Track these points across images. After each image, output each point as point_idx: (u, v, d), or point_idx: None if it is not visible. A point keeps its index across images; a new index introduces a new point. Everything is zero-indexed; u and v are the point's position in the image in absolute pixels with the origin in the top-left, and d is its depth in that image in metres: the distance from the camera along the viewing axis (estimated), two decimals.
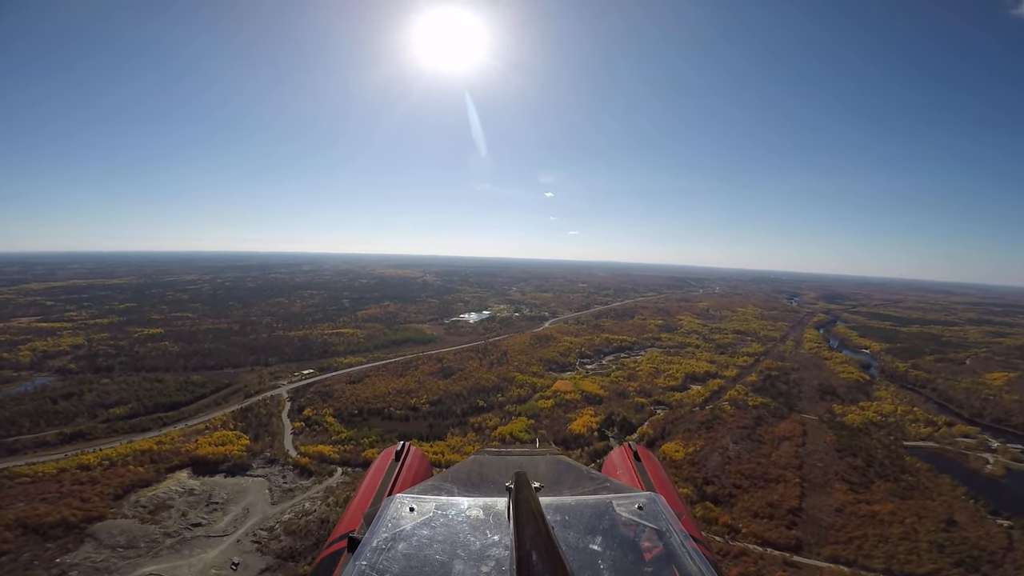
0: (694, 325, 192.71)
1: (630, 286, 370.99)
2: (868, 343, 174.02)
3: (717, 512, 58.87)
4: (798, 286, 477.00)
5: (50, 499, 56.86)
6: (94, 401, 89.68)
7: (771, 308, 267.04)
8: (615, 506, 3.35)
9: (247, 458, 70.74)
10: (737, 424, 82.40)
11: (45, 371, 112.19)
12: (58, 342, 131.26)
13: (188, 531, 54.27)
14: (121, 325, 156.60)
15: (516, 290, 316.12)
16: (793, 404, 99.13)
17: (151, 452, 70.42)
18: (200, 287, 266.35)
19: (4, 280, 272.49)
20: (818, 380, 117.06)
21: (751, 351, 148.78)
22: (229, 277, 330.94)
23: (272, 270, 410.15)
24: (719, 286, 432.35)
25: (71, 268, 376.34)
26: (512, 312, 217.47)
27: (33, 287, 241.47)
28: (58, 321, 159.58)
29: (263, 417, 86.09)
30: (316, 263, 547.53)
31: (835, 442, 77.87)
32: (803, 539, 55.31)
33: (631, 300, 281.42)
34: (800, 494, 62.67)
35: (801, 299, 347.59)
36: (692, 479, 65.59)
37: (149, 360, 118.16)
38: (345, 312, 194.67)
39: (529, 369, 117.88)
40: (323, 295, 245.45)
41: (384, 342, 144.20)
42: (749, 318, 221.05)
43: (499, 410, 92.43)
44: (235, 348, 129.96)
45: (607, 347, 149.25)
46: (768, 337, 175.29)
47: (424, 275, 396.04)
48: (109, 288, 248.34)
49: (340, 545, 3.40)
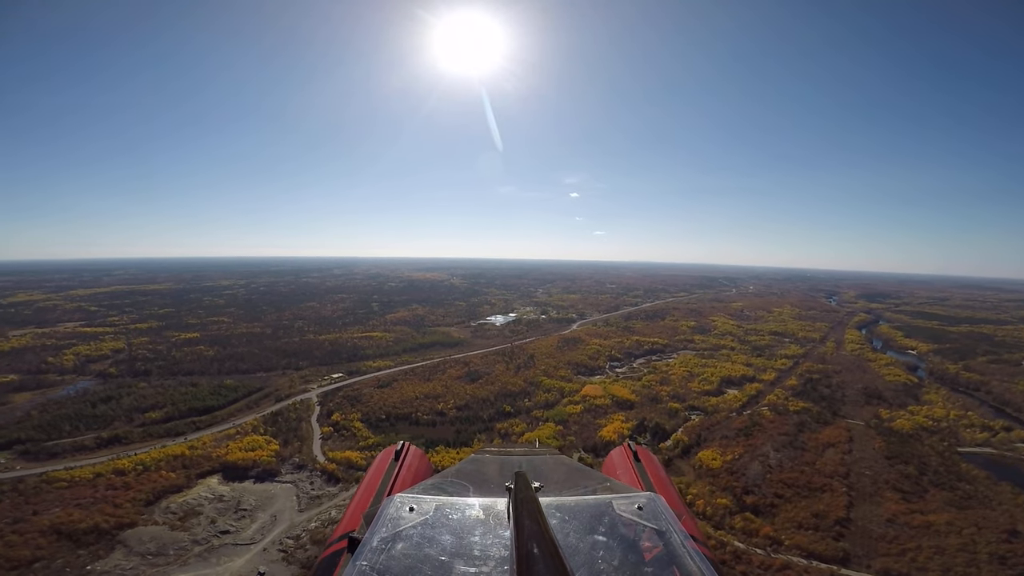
0: (728, 326, 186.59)
1: (660, 286, 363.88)
2: (914, 344, 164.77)
3: (758, 523, 55.53)
4: (836, 284, 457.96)
5: (84, 504, 57.68)
6: (131, 405, 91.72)
7: (809, 308, 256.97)
8: (615, 506, 3.33)
9: (276, 464, 70.80)
10: (778, 430, 78.20)
11: (87, 375, 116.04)
12: (100, 346, 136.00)
13: (216, 539, 54.23)
14: (160, 330, 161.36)
15: (542, 292, 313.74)
16: (837, 409, 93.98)
17: (183, 457, 71.10)
18: (235, 292, 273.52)
19: (53, 286, 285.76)
20: (862, 383, 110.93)
21: (790, 353, 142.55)
22: (263, 282, 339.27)
23: (305, 274, 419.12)
24: (753, 285, 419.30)
25: (115, 274, 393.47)
26: (539, 314, 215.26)
27: (79, 293, 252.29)
28: (101, 326, 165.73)
29: (292, 422, 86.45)
30: (347, 267, 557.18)
31: (884, 449, 73.14)
32: (851, 551, 51.71)
33: (661, 301, 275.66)
34: (848, 504, 58.82)
35: (840, 298, 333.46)
36: (730, 488, 62.20)
37: (185, 364, 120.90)
38: (374, 315, 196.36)
39: (557, 373, 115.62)
40: (353, 298, 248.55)
41: (412, 345, 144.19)
42: (786, 318, 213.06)
43: (526, 415, 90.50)
44: (267, 352, 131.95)
45: (638, 350, 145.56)
46: (807, 338, 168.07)
47: (451, 278, 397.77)
48: (150, 293, 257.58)
49: (340, 545, 3.32)
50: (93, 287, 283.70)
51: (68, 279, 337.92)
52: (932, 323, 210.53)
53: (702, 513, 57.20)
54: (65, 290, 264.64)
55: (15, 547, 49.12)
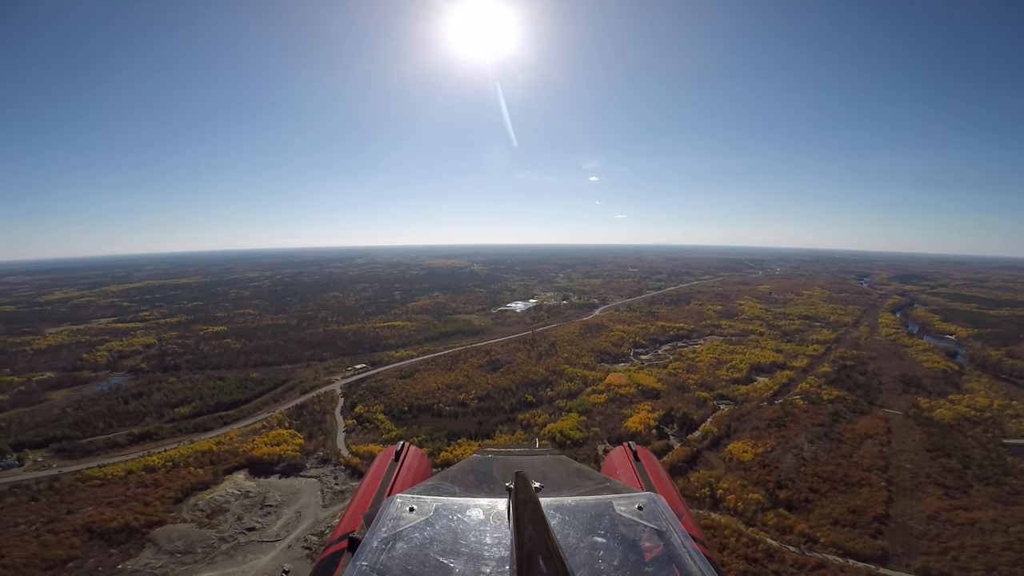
0: (756, 310, 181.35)
1: (683, 269, 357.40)
2: (953, 328, 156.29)
3: (792, 520, 53.32)
4: (867, 266, 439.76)
5: (116, 503, 58.96)
6: (161, 401, 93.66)
7: (839, 290, 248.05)
8: (615, 506, 3.34)
9: (301, 458, 71.29)
10: (812, 421, 75.14)
11: (120, 371, 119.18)
12: (132, 342, 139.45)
13: (243, 535, 54.72)
14: (188, 324, 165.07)
15: (563, 277, 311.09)
16: (873, 398, 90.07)
17: (211, 453, 72.11)
18: (261, 284, 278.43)
19: (87, 283, 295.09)
20: (899, 370, 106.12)
21: (821, 338, 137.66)
22: (288, 273, 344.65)
23: (328, 264, 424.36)
24: (779, 267, 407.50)
25: (147, 269, 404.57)
26: (560, 300, 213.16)
27: (112, 289, 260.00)
28: (132, 321, 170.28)
29: (317, 414, 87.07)
30: (369, 256, 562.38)
31: (925, 441, 69.67)
32: (890, 549, 49.44)
33: (686, 284, 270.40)
34: (887, 499, 56.19)
35: (872, 279, 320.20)
36: (763, 483, 59.88)
37: (213, 358, 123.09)
38: (396, 304, 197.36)
39: (579, 361, 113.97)
40: (375, 288, 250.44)
41: (434, 334, 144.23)
42: (816, 301, 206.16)
43: (548, 405, 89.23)
44: (292, 344, 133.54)
45: (663, 336, 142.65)
46: (839, 322, 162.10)
47: (471, 264, 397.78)
48: (179, 288, 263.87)
49: (340, 545, 3.32)
50: (125, 283, 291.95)
51: (102, 276, 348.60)
52: (971, 306, 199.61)
53: (733, 509, 55.23)
54: (99, 287, 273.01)
55: (50, 547, 50.32)
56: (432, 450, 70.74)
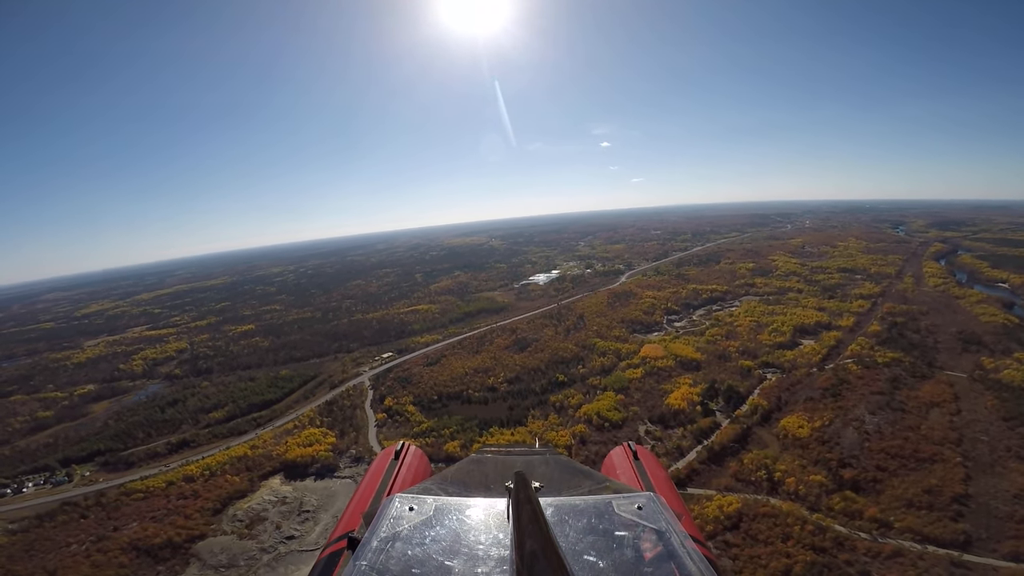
0: (791, 266, 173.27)
1: (708, 228, 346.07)
2: (1005, 275, 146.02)
3: (861, 503, 49.22)
4: (902, 214, 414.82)
5: (159, 516, 59.13)
6: (196, 406, 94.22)
7: (876, 240, 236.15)
8: (615, 506, 3.33)
9: (334, 458, 70.31)
10: (870, 389, 70.00)
11: (156, 378, 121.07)
12: (165, 348, 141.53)
13: (283, 544, 53.81)
14: (218, 325, 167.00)
15: (584, 244, 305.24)
16: (932, 359, 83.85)
17: (246, 458, 71.78)
18: (285, 278, 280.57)
19: (120, 293, 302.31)
20: (955, 326, 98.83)
21: (865, 292, 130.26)
22: (312, 265, 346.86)
23: (349, 253, 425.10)
24: (808, 220, 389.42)
25: (177, 275, 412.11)
26: (583, 269, 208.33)
27: (144, 297, 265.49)
28: (165, 327, 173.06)
29: (347, 410, 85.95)
30: (389, 241, 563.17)
31: (998, 408, 63.83)
32: (973, 533, 45.20)
33: (712, 243, 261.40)
34: (964, 477, 51.52)
35: (909, 227, 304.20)
36: (824, 461, 55.69)
37: (243, 358, 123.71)
38: (419, 287, 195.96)
39: (610, 333, 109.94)
40: (397, 272, 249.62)
41: (458, 315, 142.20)
42: (854, 253, 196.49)
43: (582, 384, 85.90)
44: (318, 337, 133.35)
45: (696, 300, 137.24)
46: (881, 274, 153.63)
47: (490, 240, 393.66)
48: (208, 290, 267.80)
49: (340, 545, 3.30)
50: (156, 290, 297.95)
51: (133, 285, 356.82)
52: (1020, 250, 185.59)
53: (794, 493, 51.30)
54: (131, 296, 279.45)
55: (101, 567, 50.53)
56: (465, 441, 68.68)
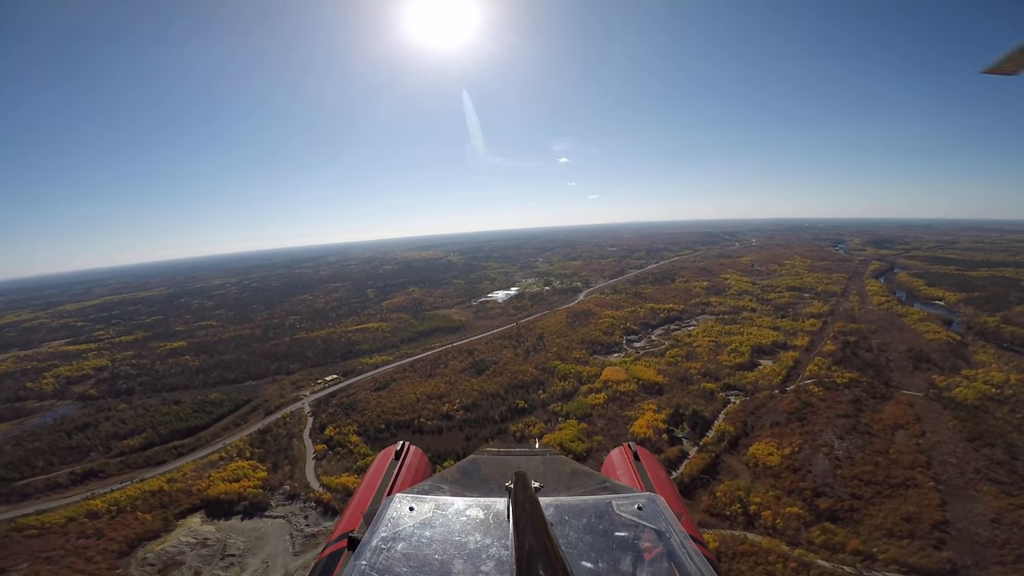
0: (743, 284, 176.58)
1: (661, 245, 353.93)
2: (940, 293, 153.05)
3: (842, 535, 46.58)
4: (839, 232, 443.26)
5: (54, 559, 51.07)
6: (109, 432, 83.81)
7: (820, 258, 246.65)
8: (615, 506, 3.34)
9: (264, 495, 62.47)
10: (834, 411, 68.80)
11: (67, 399, 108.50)
12: (82, 365, 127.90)
13: None
14: (146, 340, 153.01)
15: (543, 260, 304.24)
16: (887, 378, 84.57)
17: (161, 493, 63.28)
18: (227, 291, 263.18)
19: (42, 303, 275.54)
20: (903, 343, 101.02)
21: (815, 311, 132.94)
22: (256, 277, 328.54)
23: (298, 265, 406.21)
24: (755, 238, 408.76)
25: (108, 284, 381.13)
26: (542, 286, 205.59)
27: (67, 308, 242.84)
28: (86, 342, 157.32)
29: (282, 439, 77.74)
30: (341, 253, 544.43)
31: (960, 428, 63.71)
32: (958, 561, 43.37)
33: (667, 261, 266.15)
34: (940, 502, 49.99)
35: (847, 245, 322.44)
36: (798, 491, 53.10)
37: (169, 378, 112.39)
38: (370, 304, 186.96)
39: (571, 355, 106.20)
40: (347, 287, 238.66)
41: (411, 334, 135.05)
42: (800, 271, 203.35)
43: (543, 410, 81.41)
44: (256, 357, 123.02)
45: (653, 319, 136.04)
46: (828, 292, 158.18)
47: (448, 255, 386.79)
48: (139, 302, 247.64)
49: (340, 545, 3.31)
50: (82, 300, 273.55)
51: (57, 294, 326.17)
52: (950, 268, 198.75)
53: (771, 527, 48.01)
54: (54, 306, 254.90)
55: None
56: None
